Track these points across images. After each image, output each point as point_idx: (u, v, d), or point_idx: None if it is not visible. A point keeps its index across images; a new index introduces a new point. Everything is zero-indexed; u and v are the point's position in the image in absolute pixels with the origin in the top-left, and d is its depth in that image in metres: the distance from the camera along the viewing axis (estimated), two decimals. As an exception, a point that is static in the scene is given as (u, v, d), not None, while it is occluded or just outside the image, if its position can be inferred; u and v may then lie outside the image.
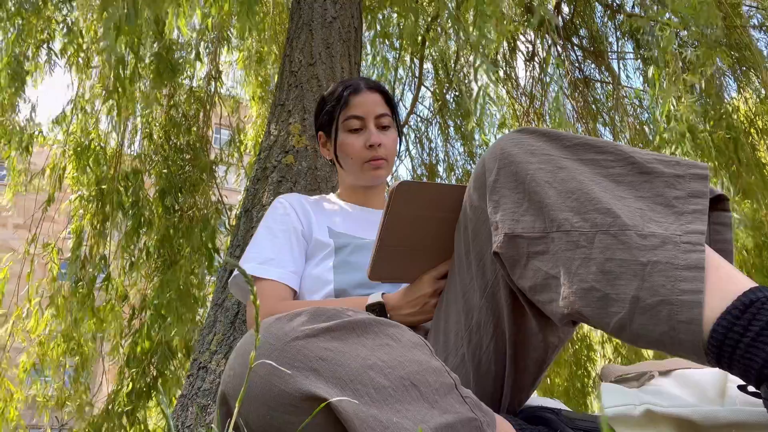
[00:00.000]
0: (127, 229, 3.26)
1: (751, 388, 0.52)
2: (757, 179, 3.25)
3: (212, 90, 3.76)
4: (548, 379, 4.34)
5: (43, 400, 3.57)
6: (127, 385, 3.14)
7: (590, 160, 0.63)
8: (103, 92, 3.26)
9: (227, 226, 3.55)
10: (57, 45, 3.44)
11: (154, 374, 3.17)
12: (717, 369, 0.59)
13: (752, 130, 3.85)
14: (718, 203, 0.63)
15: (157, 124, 3.56)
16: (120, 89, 3.07)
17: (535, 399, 0.81)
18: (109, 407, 3.15)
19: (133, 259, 3.36)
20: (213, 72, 3.74)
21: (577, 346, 4.35)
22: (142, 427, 3.18)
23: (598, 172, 0.61)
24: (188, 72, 3.63)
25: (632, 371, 0.75)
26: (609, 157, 0.62)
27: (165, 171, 3.37)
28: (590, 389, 4.23)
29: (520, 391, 0.74)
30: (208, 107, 3.68)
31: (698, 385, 0.66)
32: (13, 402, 3.50)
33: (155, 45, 3.10)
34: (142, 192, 3.28)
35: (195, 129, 3.56)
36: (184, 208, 3.32)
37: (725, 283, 0.52)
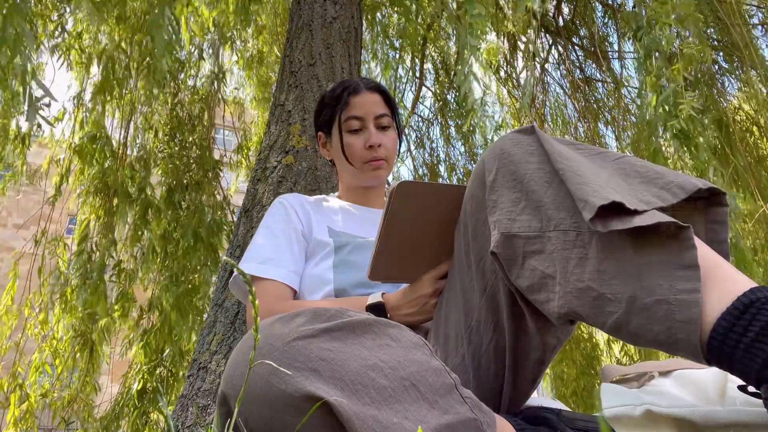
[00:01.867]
0: (135, 217, 3.25)
1: (751, 389, 0.52)
2: (760, 177, 3.25)
3: (215, 89, 3.76)
4: (562, 380, 4.33)
5: (51, 400, 3.55)
6: (138, 385, 3.14)
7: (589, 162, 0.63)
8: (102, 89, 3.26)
9: (225, 222, 3.55)
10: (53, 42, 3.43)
11: (164, 375, 3.17)
12: (717, 369, 0.59)
13: (754, 129, 3.85)
14: (714, 198, 0.62)
15: (162, 122, 3.56)
16: (113, 87, 3.08)
17: (535, 399, 0.81)
18: (116, 408, 3.15)
19: (143, 250, 3.34)
20: (216, 71, 3.74)
21: (583, 346, 4.34)
22: (155, 428, 3.17)
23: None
24: (191, 71, 3.64)
25: (632, 372, 0.75)
26: (609, 157, 0.62)
27: (171, 167, 3.37)
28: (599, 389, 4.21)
29: (520, 391, 0.74)
30: (212, 106, 3.69)
31: (698, 386, 0.66)
32: (28, 402, 3.49)
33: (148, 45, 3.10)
34: (148, 179, 3.27)
35: (199, 128, 3.57)
36: (190, 207, 3.32)
37: (725, 282, 0.51)
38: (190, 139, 3.50)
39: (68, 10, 3.39)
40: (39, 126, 3.29)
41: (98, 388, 3.47)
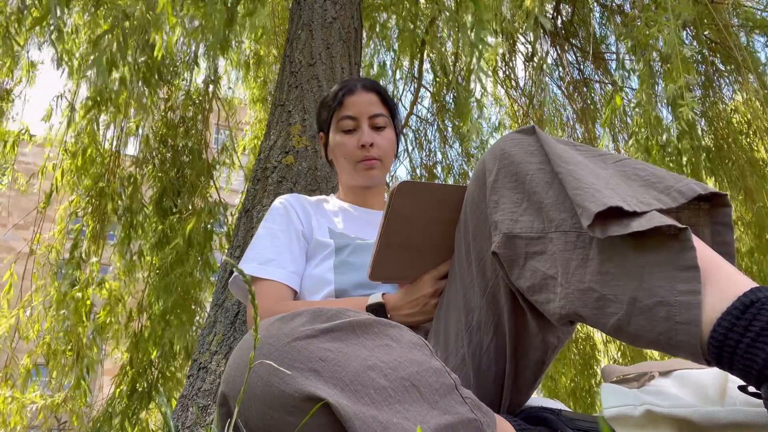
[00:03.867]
0: (120, 235, 3.27)
1: (751, 389, 0.52)
2: (757, 180, 3.26)
3: (210, 93, 3.75)
4: (554, 380, 4.34)
5: (44, 402, 3.54)
6: (128, 387, 3.14)
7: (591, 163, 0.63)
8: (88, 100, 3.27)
9: (226, 226, 3.55)
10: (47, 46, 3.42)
11: (155, 376, 3.17)
12: (717, 369, 0.59)
13: (750, 132, 3.86)
14: (717, 200, 0.62)
15: (153, 128, 3.55)
16: (108, 99, 3.09)
17: (535, 399, 0.81)
18: (109, 409, 3.15)
19: (127, 260, 3.36)
20: (211, 75, 3.73)
21: (581, 346, 4.35)
22: (143, 427, 3.17)
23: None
24: (185, 75, 3.63)
25: (633, 372, 0.75)
26: (609, 159, 0.63)
27: (161, 174, 3.37)
28: (596, 390, 4.23)
29: (520, 391, 0.74)
30: (206, 110, 3.68)
31: (698, 386, 0.66)
32: (17, 404, 3.49)
33: (142, 57, 3.09)
34: (137, 196, 3.28)
35: (193, 132, 3.55)
36: (183, 211, 3.31)
37: (726, 283, 0.51)
38: (181, 143, 3.49)
39: (66, 10, 3.38)
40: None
41: (89, 390, 3.46)
